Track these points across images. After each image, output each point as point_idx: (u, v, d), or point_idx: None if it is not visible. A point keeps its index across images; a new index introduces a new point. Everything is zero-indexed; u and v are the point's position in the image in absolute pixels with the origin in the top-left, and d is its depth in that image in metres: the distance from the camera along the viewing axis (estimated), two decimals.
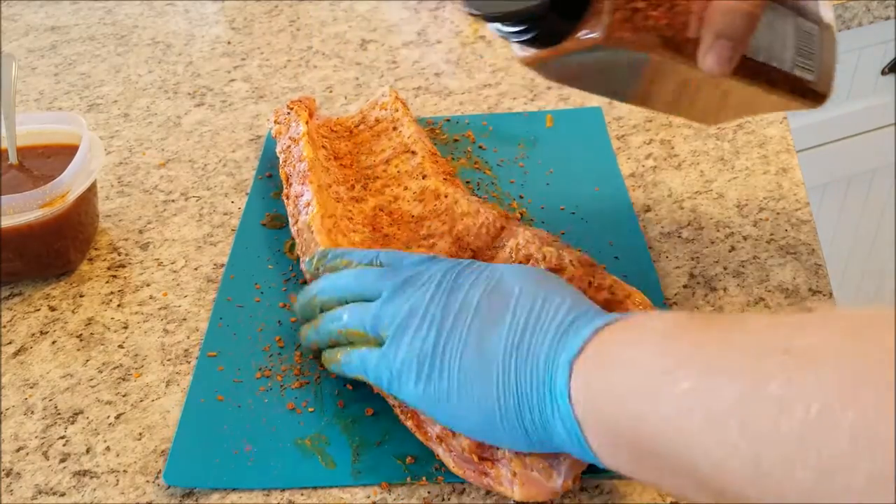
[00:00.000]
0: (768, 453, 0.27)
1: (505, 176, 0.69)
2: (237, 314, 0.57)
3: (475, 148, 0.73)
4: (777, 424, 0.27)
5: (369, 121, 0.72)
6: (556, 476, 0.43)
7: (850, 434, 0.25)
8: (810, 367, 0.27)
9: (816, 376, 0.27)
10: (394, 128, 0.70)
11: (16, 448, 0.50)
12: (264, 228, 0.65)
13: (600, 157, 0.70)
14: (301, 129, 0.66)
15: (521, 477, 0.43)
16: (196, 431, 0.50)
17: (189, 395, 0.52)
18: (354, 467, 0.47)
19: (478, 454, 0.44)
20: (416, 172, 0.64)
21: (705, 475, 0.30)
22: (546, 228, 0.62)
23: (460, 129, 0.75)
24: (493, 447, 0.44)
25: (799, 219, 0.62)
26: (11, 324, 0.59)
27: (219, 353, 0.54)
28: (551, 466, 0.43)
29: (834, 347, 0.28)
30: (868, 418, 0.25)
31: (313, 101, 0.72)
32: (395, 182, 0.64)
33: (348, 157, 0.68)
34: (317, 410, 0.50)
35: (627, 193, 0.66)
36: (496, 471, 0.44)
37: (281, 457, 0.48)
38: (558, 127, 0.75)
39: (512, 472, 0.43)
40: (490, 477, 0.44)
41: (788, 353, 0.28)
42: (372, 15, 0.99)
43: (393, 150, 0.67)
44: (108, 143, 0.79)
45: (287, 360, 0.54)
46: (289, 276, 0.60)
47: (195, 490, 0.47)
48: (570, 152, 0.71)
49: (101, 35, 0.99)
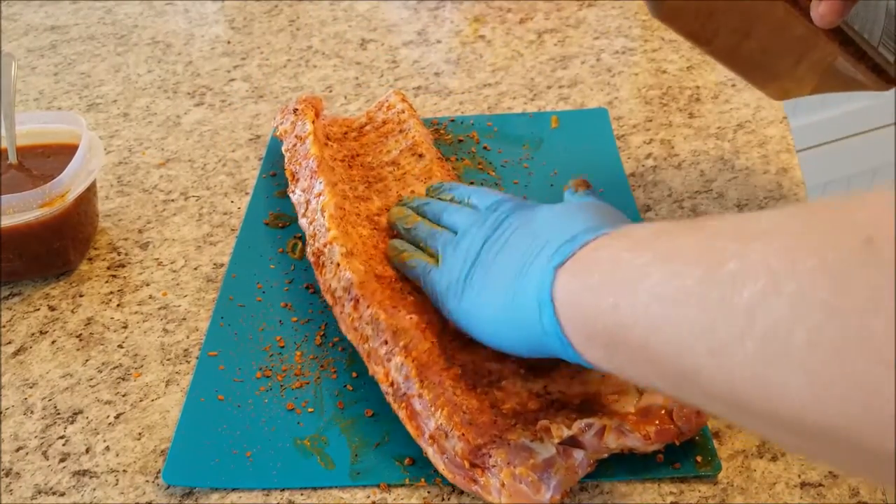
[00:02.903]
0: (722, 327, 0.29)
1: (509, 177, 0.69)
2: (238, 313, 0.57)
3: (479, 149, 0.73)
4: (730, 299, 0.29)
5: (376, 122, 0.72)
6: (544, 490, 0.42)
7: (790, 301, 0.27)
8: (761, 245, 0.29)
9: (764, 254, 0.29)
10: (400, 130, 0.70)
11: (15, 448, 0.50)
12: (267, 228, 0.65)
13: (605, 159, 0.70)
14: (308, 128, 0.66)
15: (509, 488, 0.43)
16: (196, 431, 0.50)
17: (189, 395, 0.52)
18: (353, 468, 0.47)
19: (469, 460, 0.44)
20: (423, 175, 0.64)
21: (669, 358, 0.33)
22: None
23: (465, 130, 0.75)
24: (484, 455, 0.44)
25: None
26: (11, 324, 0.59)
27: (219, 353, 0.54)
28: (540, 480, 0.43)
29: (784, 226, 0.30)
30: (807, 284, 0.27)
31: (320, 100, 0.72)
32: (401, 184, 0.64)
33: (354, 157, 0.68)
34: (316, 411, 0.50)
35: (632, 195, 0.65)
36: (485, 479, 0.43)
37: (280, 457, 0.48)
38: (563, 128, 0.74)
39: (500, 483, 0.43)
40: (479, 485, 0.44)
41: (744, 237, 0.30)
42: (372, 14, 0.99)
43: (399, 152, 0.67)
44: (107, 142, 0.79)
45: (287, 361, 0.54)
46: (291, 275, 0.60)
47: (195, 490, 0.47)
48: (575, 154, 0.71)
49: (101, 35, 0.99)
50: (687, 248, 0.34)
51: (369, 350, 0.49)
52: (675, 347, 0.32)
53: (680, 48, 0.86)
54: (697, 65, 0.83)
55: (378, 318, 0.49)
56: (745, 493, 0.44)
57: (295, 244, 0.63)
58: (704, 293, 0.31)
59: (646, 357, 0.35)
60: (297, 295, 0.58)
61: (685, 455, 0.45)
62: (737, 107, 0.76)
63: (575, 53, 0.87)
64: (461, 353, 0.50)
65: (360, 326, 0.50)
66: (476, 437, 0.44)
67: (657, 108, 0.77)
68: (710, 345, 0.30)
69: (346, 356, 0.53)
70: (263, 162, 0.73)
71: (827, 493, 0.44)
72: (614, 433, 0.44)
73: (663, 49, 0.86)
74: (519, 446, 0.44)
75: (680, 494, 0.44)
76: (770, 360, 0.28)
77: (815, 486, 0.45)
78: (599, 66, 0.84)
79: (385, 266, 0.56)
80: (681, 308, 0.32)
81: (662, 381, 0.35)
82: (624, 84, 0.81)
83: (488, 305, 0.46)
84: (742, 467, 0.46)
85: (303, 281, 0.59)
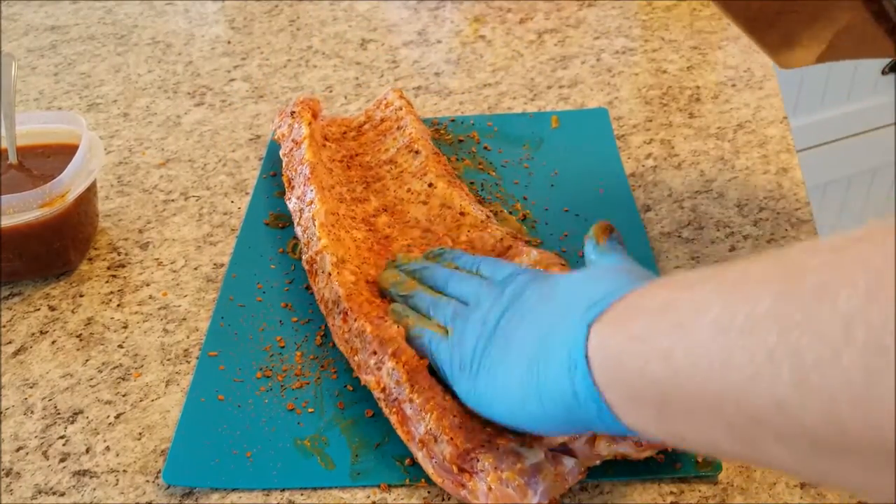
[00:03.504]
0: (811, 347, 0.25)
1: (509, 177, 0.69)
2: (239, 313, 0.57)
3: (480, 149, 0.72)
4: (819, 313, 0.25)
5: (374, 120, 0.72)
6: (531, 495, 0.42)
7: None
8: (855, 250, 0.25)
9: (860, 254, 0.25)
10: (398, 127, 0.69)
11: (16, 448, 0.50)
12: (267, 228, 0.65)
13: (605, 159, 0.70)
14: (303, 132, 0.66)
15: (496, 492, 0.42)
16: (196, 431, 0.50)
17: (189, 394, 0.52)
18: (353, 468, 0.47)
19: (457, 465, 0.44)
20: (418, 172, 0.64)
21: (738, 401, 0.28)
22: (549, 230, 0.62)
23: (465, 130, 0.75)
24: (472, 459, 0.44)
25: (799, 218, 0.62)
26: (11, 323, 0.59)
27: (220, 353, 0.54)
28: (528, 485, 0.42)
29: (873, 233, 0.26)
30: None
31: (317, 101, 0.72)
32: (398, 183, 0.64)
33: (353, 157, 0.68)
34: (316, 411, 0.50)
35: (632, 195, 0.65)
36: (473, 483, 0.43)
37: (280, 457, 0.48)
38: (564, 128, 0.74)
39: (488, 486, 0.43)
40: (467, 489, 0.44)
41: (823, 251, 0.26)
42: (372, 14, 0.99)
43: (397, 150, 0.67)
44: (107, 142, 0.79)
45: (287, 361, 0.54)
46: (291, 275, 0.60)
47: (195, 490, 0.47)
48: (575, 154, 0.71)
49: (101, 35, 0.99)
50: (754, 273, 0.29)
51: (359, 362, 0.50)
52: (748, 384, 0.27)
53: (680, 48, 0.86)
54: (697, 65, 0.83)
55: (364, 330, 0.50)
56: (745, 493, 0.44)
57: (295, 244, 0.63)
58: (784, 312, 0.26)
59: (707, 406, 0.30)
60: (298, 295, 0.58)
61: (686, 455, 0.45)
62: (737, 107, 0.76)
63: (575, 53, 0.87)
64: None
65: (349, 339, 0.51)
66: (465, 442, 0.44)
67: (657, 108, 0.77)
68: (795, 371, 0.25)
69: (346, 357, 0.53)
70: (264, 162, 0.73)
71: (827, 493, 0.44)
72: (605, 440, 0.44)
73: (663, 49, 0.86)
74: (507, 451, 0.43)
75: (680, 494, 0.44)
76: (875, 375, 0.23)
77: (815, 486, 0.45)
78: (599, 66, 0.84)
79: (379, 268, 0.56)
80: (754, 335, 0.27)
81: (727, 434, 0.30)
82: (624, 84, 0.81)
83: (508, 381, 0.41)
84: (742, 467, 0.46)
85: (303, 281, 0.59)
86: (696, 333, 0.30)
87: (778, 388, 0.26)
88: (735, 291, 0.29)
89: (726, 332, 0.28)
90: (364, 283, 0.54)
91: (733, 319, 0.28)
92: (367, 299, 0.53)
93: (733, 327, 0.28)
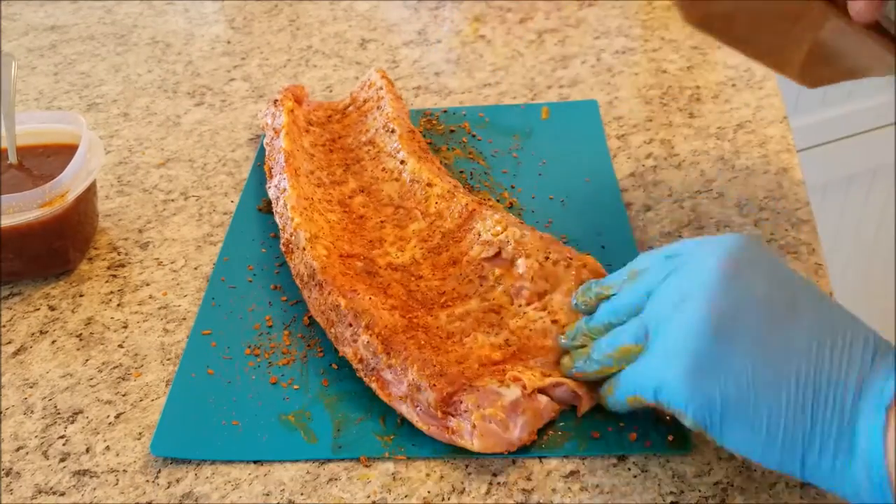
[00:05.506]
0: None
1: (498, 166, 0.70)
2: (229, 294, 0.59)
3: (470, 138, 0.73)
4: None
5: (358, 101, 0.74)
6: (512, 427, 0.45)
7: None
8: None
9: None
10: (378, 107, 0.71)
11: (15, 447, 0.50)
12: (260, 213, 0.67)
13: (593, 150, 0.71)
14: (282, 121, 0.69)
15: (480, 429, 0.45)
16: (185, 404, 0.51)
17: (179, 369, 0.53)
18: (335, 441, 0.48)
19: (442, 409, 0.46)
20: (393, 150, 0.66)
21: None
22: (535, 217, 0.63)
23: (457, 120, 0.76)
24: (456, 402, 0.46)
25: (799, 218, 0.62)
26: (11, 323, 0.59)
27: (211, 332, 0.56)
28: (509, 419, 0.45)
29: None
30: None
31: (301, 87, 0.74)
32: (375, 163, 0.66)
33: (336, 140, 0.70)
34: (302, 388, 0.51)
35: (618, 185, 0.66)
36: (457, 423, 0.46)
37: (266, 430, 0.49)
38: (554, 119, 0.75)
39: (472, 425, 0.45)
40: (453, 431, 0.46)
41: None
42: (372, 14, 0.99)
43: (376, 130, 0.69)
44: (107, 142, 0.79)
45: (275, 339, 0.55)
46: (281, 259, 0.61)
47: (194, 490, 0.47)
48: (564, 144, 0.72)
49: (101, 34, 0.99)
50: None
51: (336, 334, 0.52)
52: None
53: (680, 48, 0.86)
54: (697, 65, 0.83)
55: (339, 304, 0.52)
56: (745, 493, 0.44)
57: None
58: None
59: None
60: (287, 277, 0.59)
61: (656, 433, 0.47)
62: (737, 107, 0.76)
63: (575, 53, 0.87)
64: (423, 319, 0.52)
65: (325, 311, 0.53)
66: (446, 386, 0.46)
67: (657, 107, 0.77)
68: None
69: (324, 329, 0.55)
70: (258, 150, 0.74)
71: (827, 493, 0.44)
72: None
73: (663, 49, 0.86)
74: (487, 391, 0.46)
75: (680, 494, 0.44)
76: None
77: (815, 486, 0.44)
78: (600, 65, 0.84)
79: (352, 245, 0.58)
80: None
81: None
82: (624, 84, 0.81)
83: (752, 409, 0.38)
84: (742, 467, 0.46)
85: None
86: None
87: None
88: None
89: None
90: (337, 257, 0.56)
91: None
92: (342, 271, 0.55)
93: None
